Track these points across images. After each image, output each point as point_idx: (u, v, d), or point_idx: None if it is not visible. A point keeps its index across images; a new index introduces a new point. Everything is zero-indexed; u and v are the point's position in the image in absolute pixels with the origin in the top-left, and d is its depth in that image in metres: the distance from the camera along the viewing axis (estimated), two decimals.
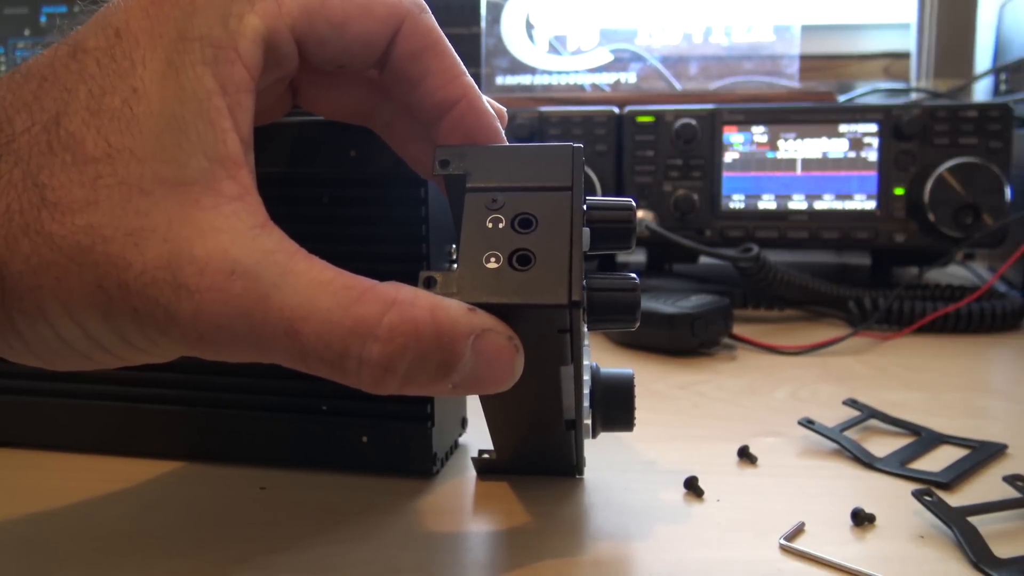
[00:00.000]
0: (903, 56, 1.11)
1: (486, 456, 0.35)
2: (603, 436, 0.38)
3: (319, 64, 0.26)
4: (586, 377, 0.33)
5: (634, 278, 0.27)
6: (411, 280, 0.24)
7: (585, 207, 0.27)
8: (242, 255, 0.22)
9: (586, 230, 0.27)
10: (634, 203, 0.28)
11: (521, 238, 0.25)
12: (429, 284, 0.24)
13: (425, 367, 0.23)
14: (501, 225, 0.25)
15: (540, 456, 0.35)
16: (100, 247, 0.21)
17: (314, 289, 0.22)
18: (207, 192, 0.22)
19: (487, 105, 0.28)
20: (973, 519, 0.30)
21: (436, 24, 0.27)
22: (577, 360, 0.27)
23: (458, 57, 0.27)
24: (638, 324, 0.27)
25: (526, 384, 0.25)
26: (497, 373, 0.24)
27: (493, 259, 0.24)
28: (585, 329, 0.28)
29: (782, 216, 0.67)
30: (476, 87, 0.28)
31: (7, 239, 0.21)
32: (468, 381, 0.23)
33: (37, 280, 0.21)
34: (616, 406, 0.34)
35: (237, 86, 0.23)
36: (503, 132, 0.29)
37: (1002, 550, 0.28)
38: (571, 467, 0.35)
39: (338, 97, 0.29)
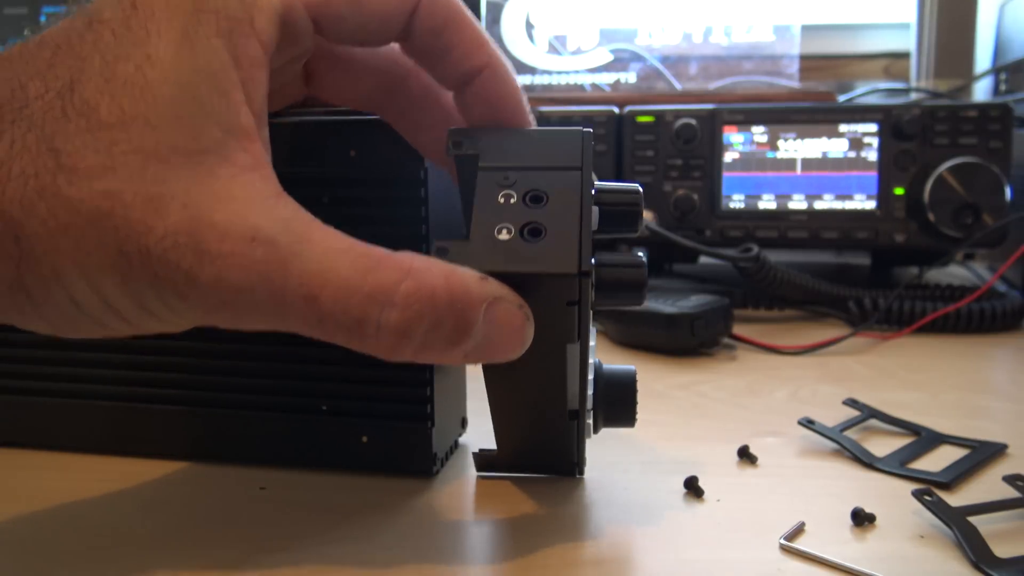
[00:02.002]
0: (903, 56, 1.11)
1: (487, 452, 0.35)
2: (603, 436, 0.38)
3: (337, 40, 0.26)
4: (590, 376, 0.33)
5: (641, 257, 0.28)
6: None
7: (594, 190, 0.27)
8: (261, 222, 0.22)
9: (595, 209, 0.27)
10: (641, 188, 0.29)
11: (532, 212, 0.25)
12: (441, 253, 0.25)
13: (440, 334, 0.23)
14: (512, 200, 0.26)
15: (541, 451, 0.35)
16: (120, 212, 0.21)
17: (332, 256, 0.22)
18: (222, 162, 0.22)
19: (511, 72, 0.28)
20: (973, 519, 0.30)
21: None
22: (584, 340, 0.28)
23: (479, 24, 0.28)
24: (644, 302, 0.28)
25: (532, 364, 0.26)
26: (508, 341, 0.24)
27: (505, 231, 0.25)
28: (591, 315, 0.28)
29: (782, 216, 0.67)
30: (500, 55, 0.28)
31: (23, 202, 0.21)
32: (480, 349, 0.24)
33: (54, 243, 0.21)
34: (618, 401, 0.34)
35: (251, 60, 0.23)
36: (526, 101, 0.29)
37: (1002, 550, 0.28)
38: (572, 465, 0.35)
39: (351, 83, 0.30)
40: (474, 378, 0.39)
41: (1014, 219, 0.62)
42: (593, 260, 0.26)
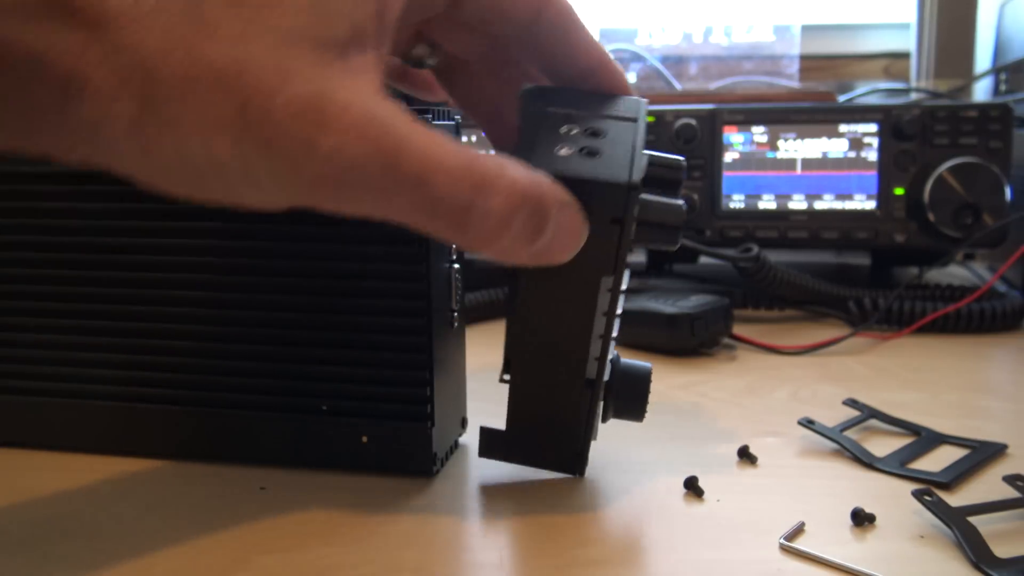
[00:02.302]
0: (903, 56, 1.11)
1: (493, 430, 0.34)
2: (604, 436, 0.38)
3: (466, 13, 0.29)
4: (610, 355, 0.33)
5: (682, 204, 0.30)
6: (415, 282, 0.24)
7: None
8: (379, 108, 0.23)
9: (645, 155, 0.29)
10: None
11: (590, 140, 0.28)
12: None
13: (527, 226, 0.25)
14: (574, 132, 0.28)
15: (549, 429, 0.34)
16: (249, 74, 0.22)
17: (438, 146, 0.24)
18: (344, 56, 0.23)
19: (621, 71, 0.32)
20: (973, 519, 0.30)
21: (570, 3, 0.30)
22: (616, 284, 0.29)
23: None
24: (677, 247, 0.30)
25: (566, 294, 0.29)
26: (568, 243, 0.26)
27: (565, 149, 0.28)
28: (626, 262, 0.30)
29: (782, 216, 0.67)
30: (608, 54, 0.31)
31: (163, 51, 0.22)
32: (546, 247, 0.26)
33: (181, 91, 0.22)
34: (631, 393, 0.34)
35: None
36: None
37: (1002, 550, 0.28)
38: (575, 456, 0.34)
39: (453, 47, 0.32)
40: (474, 378, 0.39)
41: (1014, 219, 0.62)
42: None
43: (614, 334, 0.32)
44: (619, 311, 0.31)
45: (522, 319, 0.31)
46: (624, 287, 0.31)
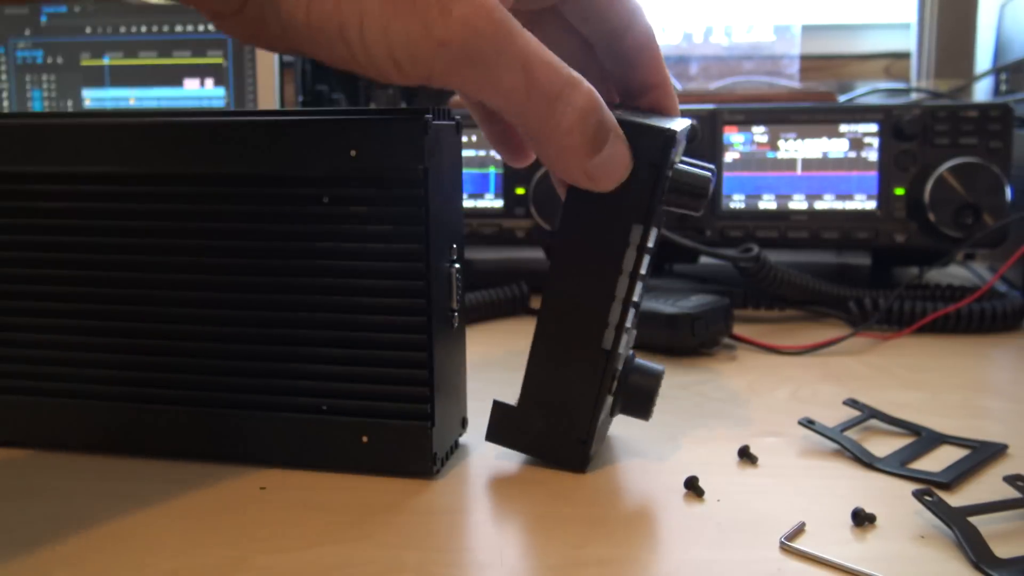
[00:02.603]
0: (903, 56, 1.11)
1: (505, 405, 0.35)
2: (605, 436, 0.38)
3: (571, 6, 0.33)
4: (623, 350, 0.35)
5: (709, 174, 0.33)
6: (414, 281, 0.24)
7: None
8: (496, 6, 0.27)
9: (686, 123, 0.34)
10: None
11: (633, 112, 0.33)
12: None
13: (595, 134, 0.29)
14: (618, 112, 0.32)
15: (558, 410, 0.34)
16: None
17: (540, 46, 0.28)
18: None
19: (675, 95, 0.36)
20: (973, 519, 0.30)
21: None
22: (643, 242, 0.32)
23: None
24: (701, 212, 0.34)
25: (596, 243, 0.33)
26: (616, 169, 0.31)
27: (618, 112, 0.32)
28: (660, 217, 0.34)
29: (782, 216, 0.67)
30: (669, 78, 0.36)
31: None
32: (599, 165, 0.30)
33: None
34: (641, 391, 0.36)
35: None
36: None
37: (1002, 550, 0.28)
38: (580, 445, 0.34)
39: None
40: (474, 378, 0.39)
41: (1014, 219, 0.62)
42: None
43: (632, 313, 0.34)
44: (638, 295, 0.34)
45: (553, 274, 0.34)
46: (644, 271, 0.34)
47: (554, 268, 0.34)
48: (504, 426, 0.35)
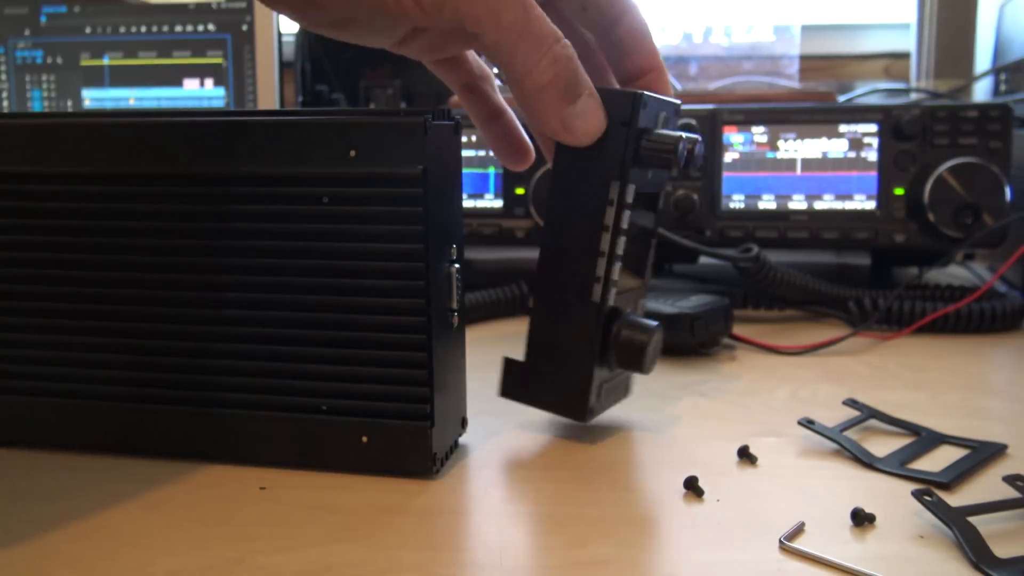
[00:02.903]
0: (903, 56, 1.11)
1: (515, 362, 0.38)
2: (604, 437, 0.38)
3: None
4: (612, 302, 0.37)
5: (680, 134, 0.35)
6: (414, 281, 0.24)
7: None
8: None
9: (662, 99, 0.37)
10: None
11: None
12: None
13: (567, 85, 0.32)
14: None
15: (560, 362, 0.37)
16: None
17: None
18: None
19: (668, 81, 0.38)
20: (973, 519, 0.30)
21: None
22: (620, 200, 0.35)
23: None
24: (672, 171, 0.36)
25: (582, 194, 0.36)
26: (590, 123, 0.33)
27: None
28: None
29: (782, 216, 0.67)
30: (663, 64, 0.38)
31: None
32: (573, 116, 0.33)
33: None
34: (632, 346, 0.37)
35: None
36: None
37: (1002, 550, 0.28)
38: (580, 396, 0.37)
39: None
40: (474, 378, 0.39)
41: (1014, 219, 0.62)
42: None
43: (616, 264, 0.36)
44: (621, 248, 0.36)
45: (546, 234, 0.37)
46: (626, 225, 0.36)
47: (546, 228, 0.37)
48: (514, 382, 0.39)
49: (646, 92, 0.35)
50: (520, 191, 0.70)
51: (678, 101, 0.39)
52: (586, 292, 0.36)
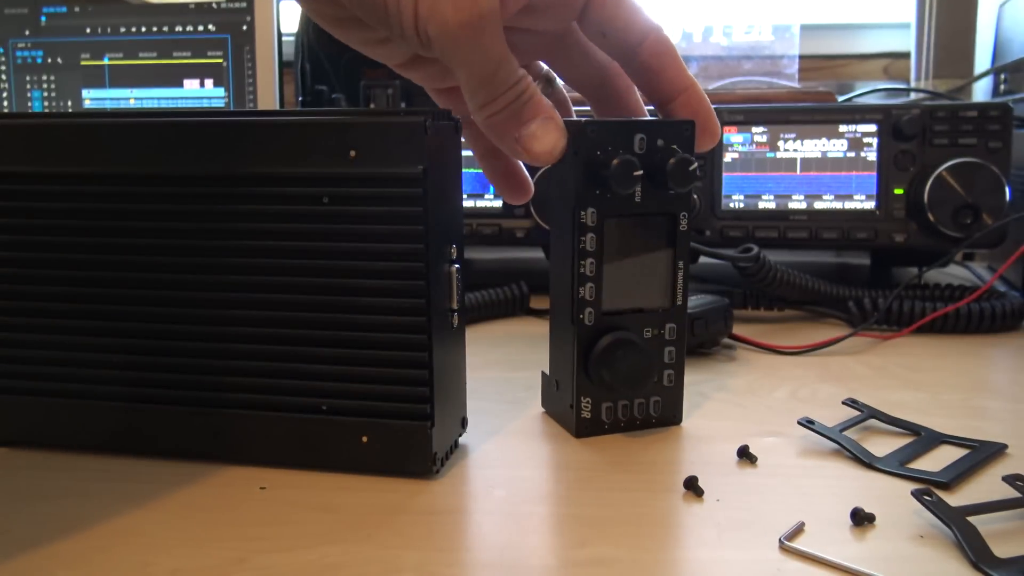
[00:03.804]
0: (903, 56, 1.11)
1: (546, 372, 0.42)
2: (603, 437, 0.38)
3: (591, 24, 0.35)
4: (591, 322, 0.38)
5: (625, 160, 0.36)
6: (414, 281, 0.24)
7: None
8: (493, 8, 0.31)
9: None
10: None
11: None
12: None
13: (521, 109, 0.33)
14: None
15: (557, 374, 0.41)
16: None
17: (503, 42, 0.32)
18: None
19: (702, 91, 0.38)
20: (973, 519, 0.30)
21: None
22: (581, 224, 0.37)
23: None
24: (624, 192, 0.37)
25: (559, 228, 0.39)
26: (546, 143, 0.33)
27: None
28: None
29: (782, 216, 0.67)
30: (697, 85, 0.37)
31: None
32: (530, 137, 0.33)
33: None
34: (599, 369, 0.38)
35: None
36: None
37: (1002, 550, 0.28)
38: (570, 409, 0.39)
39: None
40: (474, 378, 0.39)
41: (1014, 219, 0.62)
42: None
43: (587, 285, 0.38)
44: (589, 270, 0.38)
45: (550, 260, 0.40)
46: (591, 248, 0.38)
47: (550, 255, 0.41)
48: (543, 394, 0.43)
49: (596, 119, 0.37)
50: None
51: (686, 120, 0.38)
52: (567, 312, 0.39)
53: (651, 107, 0.39)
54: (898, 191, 0.65)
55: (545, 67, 0.41)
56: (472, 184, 0.70)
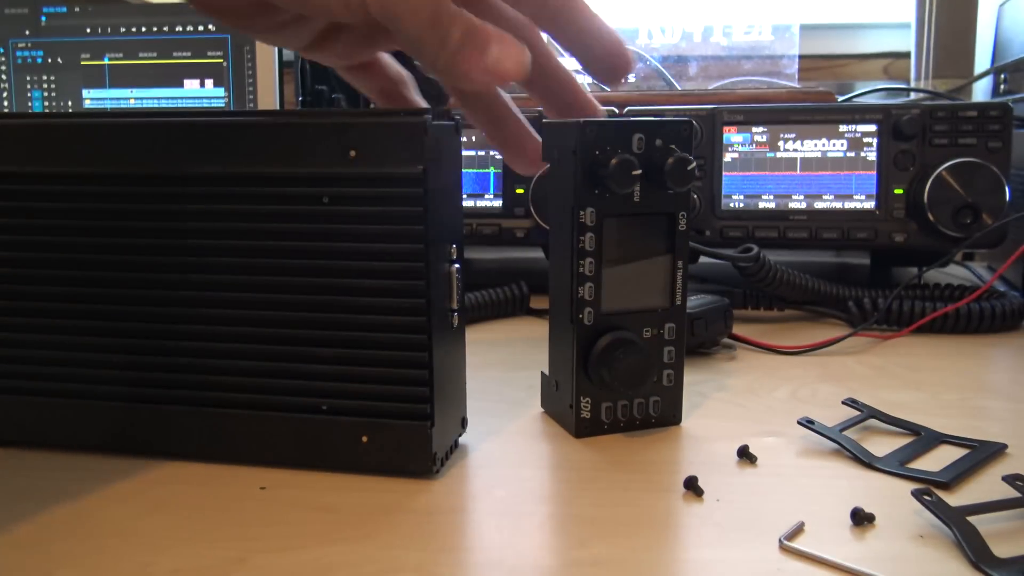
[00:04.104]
0: (903, 56, 1.11)
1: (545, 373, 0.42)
2: (603, 437, 0.38)
3: None
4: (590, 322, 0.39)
5: (624, 160, 0.36)
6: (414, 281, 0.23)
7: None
8: None
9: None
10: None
11: None
12: None
13: (473, 39, 0.29)
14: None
15: (557, 374, 0.41)
16: None
17: None
18: None
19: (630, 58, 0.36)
20: (973, 519, 0.30)
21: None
22: (579, 224, 0.37)
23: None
24: (623, 191, 0.37)
25: (557, 228, 0.39)
26: (512, 59, 0.30)
27: None
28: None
29: (782, 216, 0.67)
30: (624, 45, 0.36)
31: None
32: (494, 63, 0.30)
33: None
34: (598, 368, 0.38)
35: None
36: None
37: (1002, 550, 0.28)
38: (569, 409, 0.39)
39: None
40: (474, 378, 0.39)
41: (1013, 219, 0.62)
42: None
43: (586, 284, 0.38)
44: (588, 269, 0.38)
45: (551, 266, 0.40)
46: (590, 247, 0.38)
47: (549, 255, 0.41)
48: (543, 394, 0.43)
49: (595, 119, 0.37)
50: (520, 191, 0.70)
51: (684, 120, 0.38)
52: (568, 312, 0.39)
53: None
54: (898, 191, 0.65)
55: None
56: (472, 184, 0.70)
